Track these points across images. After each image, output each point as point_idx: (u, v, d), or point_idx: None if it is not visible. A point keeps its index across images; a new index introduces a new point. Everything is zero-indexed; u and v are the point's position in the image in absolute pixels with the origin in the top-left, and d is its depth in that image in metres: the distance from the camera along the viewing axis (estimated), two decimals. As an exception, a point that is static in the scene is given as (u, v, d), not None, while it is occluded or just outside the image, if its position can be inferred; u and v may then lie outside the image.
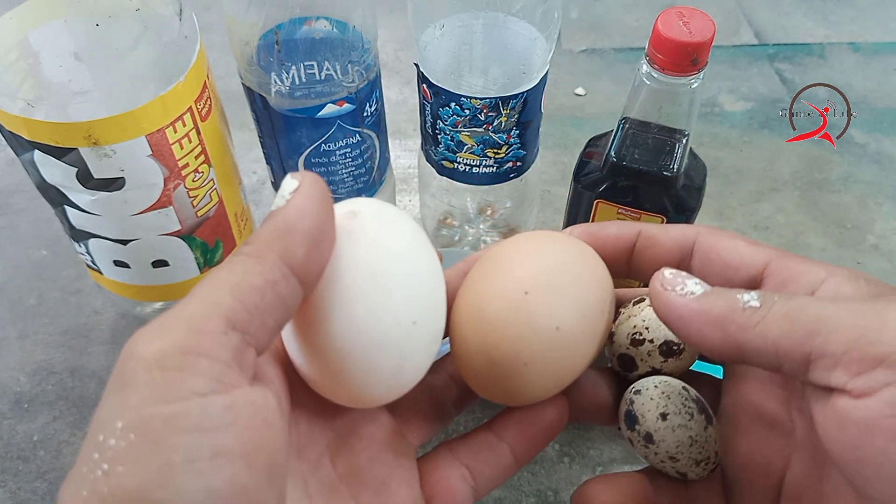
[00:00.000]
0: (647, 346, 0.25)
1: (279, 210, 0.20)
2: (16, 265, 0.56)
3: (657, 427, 0.24)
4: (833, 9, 0.81)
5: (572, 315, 0.23)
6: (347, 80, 0.41)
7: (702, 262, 0.24)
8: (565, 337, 0.23)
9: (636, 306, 0.26)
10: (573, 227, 0.26)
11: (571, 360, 0.24)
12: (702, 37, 0.35)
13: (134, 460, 0.15)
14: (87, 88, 0.35)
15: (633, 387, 0.25)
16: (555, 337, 0.23)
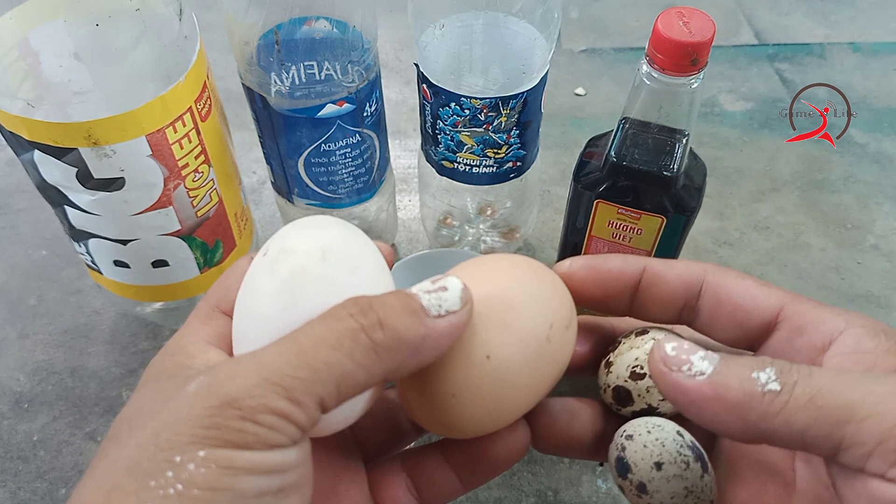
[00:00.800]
0: (647, 382, 0.24)
1: (427, 321, 0.20)
2: (16, 265, 0.56)
3: (651, 477, 0.22)
4: (833, 9, 0.81)
5: (508, 343, 0.21)
6: (347, 80, 0.41)
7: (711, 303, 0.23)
8: (498, 366, 0.21)
9: (639, 338, 0.25)
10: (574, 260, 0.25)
11: (509, 391, 0.22)
12: (702, 37, 0.35)
13: (210, 487, 0.16)
14: (87, 88, 0.35)
15: (623, 430, 0.24)
16: (485, 366, 0.21)
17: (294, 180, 0.47)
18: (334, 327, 0.19)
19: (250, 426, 0.17)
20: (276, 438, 0.18)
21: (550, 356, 0.22)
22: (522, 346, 0.22)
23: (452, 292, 0.20)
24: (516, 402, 0.22)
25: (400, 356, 0.19)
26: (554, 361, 0.23)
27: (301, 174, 0.46)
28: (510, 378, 0.22)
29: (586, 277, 0.24)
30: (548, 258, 0.57)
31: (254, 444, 0.17)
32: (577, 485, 0.45)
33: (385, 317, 0.19)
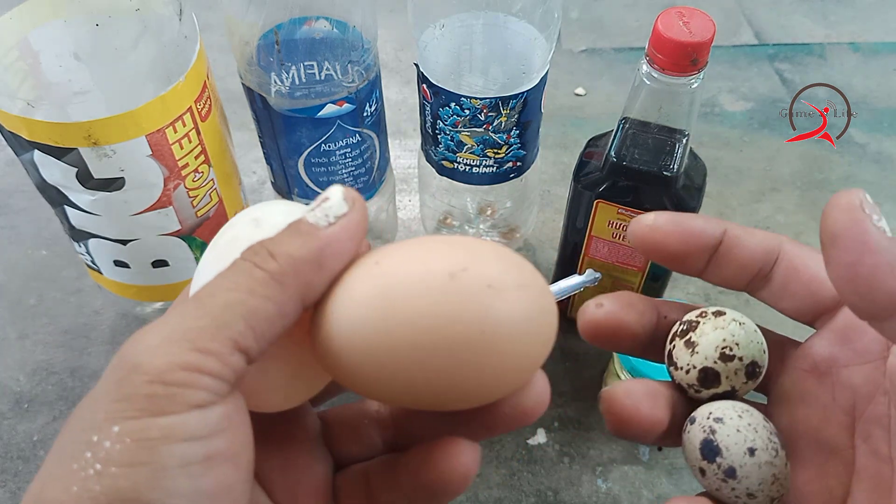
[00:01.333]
0: (736, 364, 0.23)
1: (319, 233, 0.19)
2: (16, 265, 0.56)
3: (743, 462, 0.22)
4: (833, 9, 0.81)
5: (399, 260, 0.20)
6: (347, 80, 0.41)
7: (787, 272, 0.23)
8: (386, 270, 0.19)
9: (719, 318, 0.24)
10: (658, 214, 0.24)
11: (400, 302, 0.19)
12: (702, 37, 0.35)
13: (128, 463, 0.16)
14: (87, 88, 0.35)
15: (708, 412, 0.23)
16: (373, 270, 0.19)
17: (294, 180, 0.47)
18: (229, 273, 0.18)
19: (160, 388, 0.16)
20: (192, 396, 0.17)
21: (455, 295, 0.19)
22: (415, 265, 0.19)
23: (334, 198, 0.19)
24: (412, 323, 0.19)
25: (303, 275, 0.18)
26: (459, 304, 0.19)
27: (301, 174, 0.46)
28: (401, 289, 0.19)
29: (671, 232, 0.24)
30: (548, 258, 0.57)
31: (168, 407, 0.16)
32: (577, 485, 0.45)
33: (275, 247, 0.18)
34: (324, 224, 0.19)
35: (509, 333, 0.19)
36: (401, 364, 0.19)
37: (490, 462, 0.46)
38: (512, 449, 0.47)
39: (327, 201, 0.19)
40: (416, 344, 0.18)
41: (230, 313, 0.17)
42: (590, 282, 0.46)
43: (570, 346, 0.52)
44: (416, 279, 0.19)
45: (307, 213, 0.19)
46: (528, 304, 0.19)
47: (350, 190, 0.20)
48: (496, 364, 0.19)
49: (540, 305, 0.20)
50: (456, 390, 0.19)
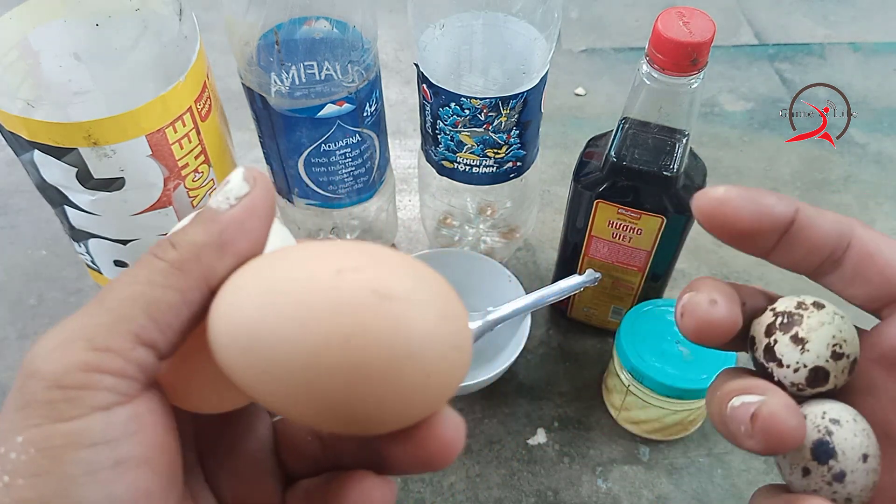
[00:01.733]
0: (844, 363, 0.22)
1: (219, 216, 0.18)
2: (16, 265, 0.56)
3: (856, 468, 0.21)
4: (833, 9, 0.81)
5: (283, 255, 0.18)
6: (347, 80, 0.41)
7: (860, 256, 0.22)
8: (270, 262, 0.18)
9: (822, 311, 0.22)
10: (730, 186, 0.22)
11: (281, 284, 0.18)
12: (702, 37, 0.35)
13: (34, 473, 0.15)
14: (87, 88, 0.35)
15: (822, 411, 0.21)
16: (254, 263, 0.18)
17: (294, 180, 0.47)
18: (130, 269, 0.18)
19: (58, 393, 0.16)
20: (93, 398, 0.16)
21: (341, 290, 0.17)
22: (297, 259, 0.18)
23: (234, 179, 0.18)
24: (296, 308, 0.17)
25: (205, 260, 0.17)
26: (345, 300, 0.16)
27: (301, 174, 0.46)
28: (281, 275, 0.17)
29: (742, 207, 0.22)
30: (548, 258, 0.57)
31: (68, 412, 0.15)
32: (577, 485, 0.45)
33: (176, 237, 0.18)
34: (225, 207, 0.18)
35: (395, 348, 0.16)
36: (273, 374, 0.17)
37: (490, 462, 0.46)
38: (512, 449, 0.47)
39: (228, 184, 0.18)
40: (289, 350, 0.16)
41: (129, 306, 0.17)
42: (590, 282, 0.46)
43: (570, 346, 0.52)
44: (302, 275, 0.17)
45: (210, 200, 0.19)
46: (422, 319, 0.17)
47: (252, 169, 0.19)
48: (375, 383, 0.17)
49: (439, 324, 0.17)
50: (335, 411, 0.17)
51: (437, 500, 0.45)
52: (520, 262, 0.57)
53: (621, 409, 0.47)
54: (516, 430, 0.48)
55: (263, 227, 0.18)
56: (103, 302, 0.17)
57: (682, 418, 0.44)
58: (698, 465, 0.46)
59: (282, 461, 0.22)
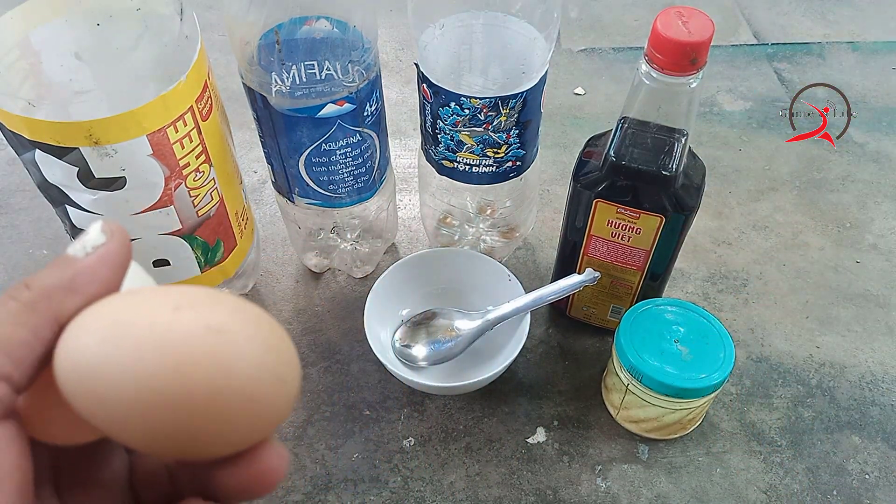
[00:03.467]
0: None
1: (73, 262, 0.20)
2: (16, 264, 0.57)
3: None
4: (832, 8, 0.81)
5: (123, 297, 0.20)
6: (348, 80, 0.42)
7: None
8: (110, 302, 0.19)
9: None
10: None
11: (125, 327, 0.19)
12: (701, 36, 0.35)
13: None
14: (88, 88, 0.35)
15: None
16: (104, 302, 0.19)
17: (295, 180, 0.47)
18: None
19: None
20: None
21: (176, 325, 0.18)
22: (138, 298, 0.20)
23: (93, 231, 0.20)
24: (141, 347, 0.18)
25: (56, 300, 0.19)
26: (179, 334, 0.18)
27: (302, 173, 0.46)
28: (123, 311, 0.19)
29: None
30: (547, 257, 0.57)
31: None
32: (576, 483, 0.45)
33: (31, 280, 0.19)
34: (81, 255, 0.20)
35: (215, 379, 0.18)
36: (112, 402, 0.18)
37: (490, 461, 0.46)
38: (511, 448, 0.47)
39: (86, 235, 0.20)
40: (126, 381, 0.18)
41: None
42: (589, 281, 0.46)
43: (570, 345, 0.52)
44: (136, 315, 0.19)
45: (70, 248, 0.20)
46: (249, 352, 0.18)
47: (111, 223, 0.21)
48: (204, 411, 0.18)
49: (263, 357, 0.19)
50: (169, 437, 0.18)
51: (436, 499, 0.45)
52: (519, 262, 0.57)
53: (620, 408, 0.47)
54: (516, 428, 0.48)
55: (116, 274, 0.20)
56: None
57: (680, 417, 0.45)
58: (697, 463, 0.46)
59: (136, 493, 0.23)
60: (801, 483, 0.45)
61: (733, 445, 0.47)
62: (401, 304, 0.51)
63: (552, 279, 0.51)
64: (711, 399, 0.44)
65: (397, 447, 0.47)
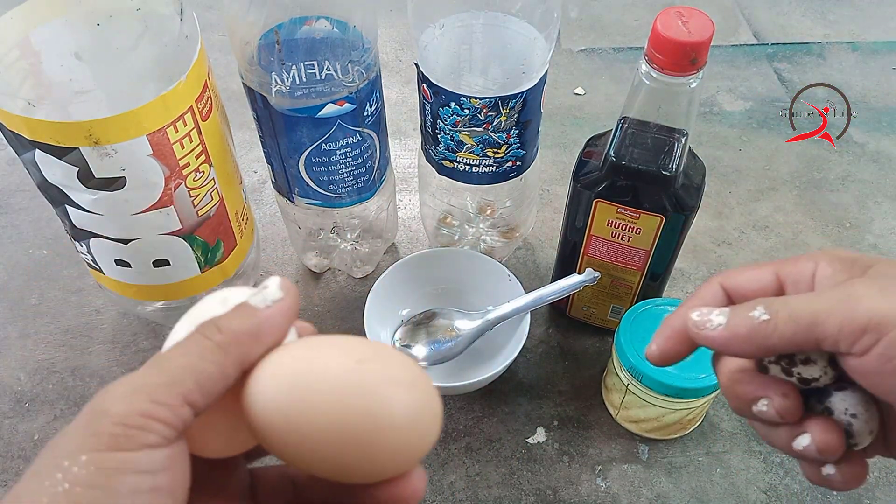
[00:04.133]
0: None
1: (258, 313, 0.23)
2: (17, 264, 0.57)
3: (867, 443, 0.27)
4: (832, 8, 0.81)
5: (309, 348, 0.24)
6: (348, 80, 0.42)
7: (740, 299, 0.28)
8: (298, 357, 0.23)
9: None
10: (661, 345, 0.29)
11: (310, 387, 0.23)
12: (700, 36, 0.35)
13: (90, 485, 0.20)
14: (88, 88, 0.35)
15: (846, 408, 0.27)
16: (285, 355, 0.23)
17: (295, 180, 0.47)
18: (184, 342, 0.23)
19: (121, 429, 0.20)
20: (145, 437, 0.20)
21: (362, 375, 0.22)
22: (322, 350, 0.24)
23: (272, 286, 0.24)
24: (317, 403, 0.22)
25: (243, 345, 0.23)
26: (360, 389, 0.22)
27: (302, 173, 0.46)
28: (311, 372, 0.23)
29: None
30: (547, 257, 0.57)
31: (126, 444, 0.20)
32: (576, 483, 0.45)
33: (221, 322, 0.23)
34: (262, 306, 0.23)
35: (399, 423, 0.22)
36: (302, 436, 0.22)
37: (490, 461, 0.46)
38: (511, 448, 0.47)
39: (266, 289, 0.24)
40: (318, 419, 0.22)
41: (182, 373, 0.22)
42: (589, 281, 0.46)
43: (570, 345, 0.52)
44: (325, 364, 0.23)
45: (250, 297, 0.24)
46: (417, 400, 0.23)
47: (286, 280, 0.24)
48: (383, 448, 0.22)
49: (427, 405, 0.23)
50: (348, 466, 0.23)
51: (436, 499, 0.45)
52: (519, 262, 0.57)
53: (620, 408, 0.47)
54: (516, 428, 0.48)
55: (288, 326, 0.24)
56: (161, 366, 0.22)
57: (680, 417, 0.45)
58: (697, 463, 0.46)
59: (258, 501, 0.28)
60: (801, 483, 0.45)
61: (733, 445, 0.47)
62: (401, 304, 0.51)
63: (552, 279, 0.51)
64: (711, 399, 0.44)
65: (397, 447, 0.47)
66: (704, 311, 0.27)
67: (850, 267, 0.26)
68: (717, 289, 0.29)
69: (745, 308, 0.26)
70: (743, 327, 0.26)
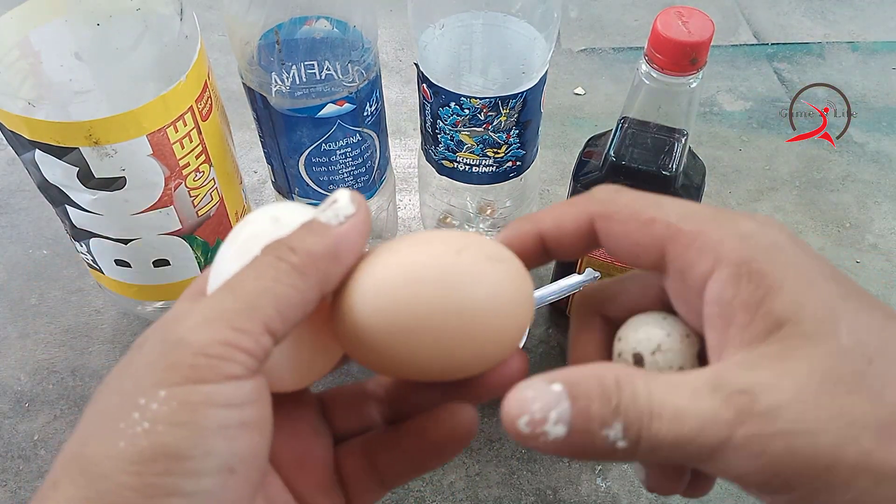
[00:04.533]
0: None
1: (332, 231, 0.21)
2: (17, 264, 0.57)
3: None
4: (832, 8, 0.81)
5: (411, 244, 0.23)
6: (347, 80, 0.42)
7: (613, 248, 0.23)
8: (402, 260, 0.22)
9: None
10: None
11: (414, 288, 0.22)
12: (700, 36, 0.35)
13: (174, 423, 0.18)
14: (88, 88, 0.35)
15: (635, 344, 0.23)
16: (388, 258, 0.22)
17: (295, 180, 0.47)
18: (255, 265, 0.20)
19: (202, 360, 0.18)
20: (229, 368, 0.19)
21: (462, 267, 0.21)
22: (424, 248, 0.22)
23: (342, 200, 0.22)
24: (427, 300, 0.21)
25: (322, 266, 0.21)
26: (469, 276, 0.21)
27: (302, 173, 0.46)
28: (416, 270, 0.21)
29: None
30: (547, 257, 0.57)
31: (209, 376, 0.18)
32: (576, 483, 0.45)
33: (293, 243, 0.21)
34: (335, 223, 0.21)
35: (504, 297, 0.22)
36: (414, 337, 0.21)
37: (490, 461, 0.46)
38: (511, 447, 0.47)
39: (336, 203, 0.21)
40: (430, 315, 0.21)
41: (261, 299, 0.19)
42: (589, 281, 0.46)
43: (570, 344, 0.52)
44: (428, 259, 0.22)
45: (318, 213, 0.21)
46: (518, 274, 0.23)
47: (356, 193, 0.22)
48: (492, 329, 0.22)
49: (525, 279, 0.23)
50: (457, 358, 0.22)
51: (436, 499, 0.45)
52: (519, 262, 0.57)
53: (621, 408, 0.47)
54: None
55: (364, 243, 0.22)
56: (235, 291, 0.20)
57: (681, 417, 0.45)
58: (697, 463, 0.46)
59: (331, 424, 0.26)
60: (801, 483, 0.45)
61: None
62: (401, 304, 0.51)
63: (552, 279, 0.51)
64: (711, 399, 0.44)
65: (397, 447, 0.47)
66: (536, 415, 0.19)
67: (757, 305, 0.19)
68: (531, 237, 0.24)
69: (594, 420, 0.18)
70: (589, 448, 0.19)
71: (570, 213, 0.23)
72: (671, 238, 0.21)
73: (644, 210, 0.22)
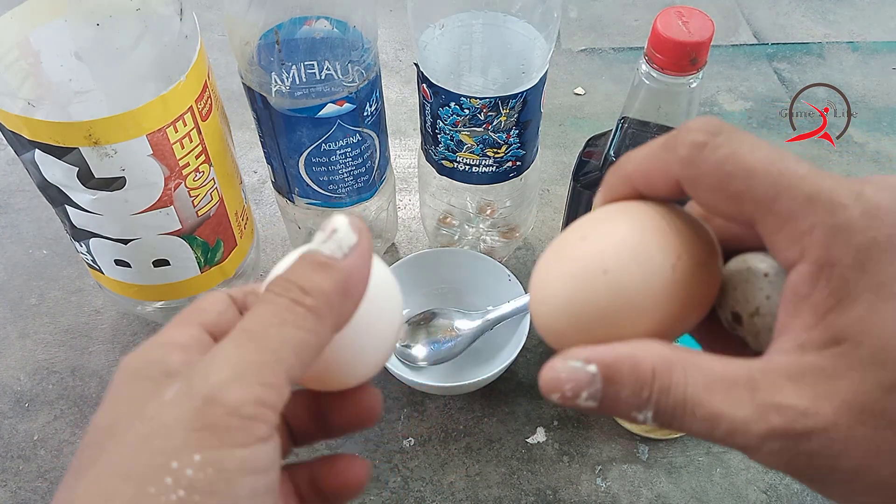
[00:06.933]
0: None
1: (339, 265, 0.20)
2: (16, 264, 0.57)
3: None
4: (832, 8, 0.81)
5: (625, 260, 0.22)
6: (347, 80, 0.42)
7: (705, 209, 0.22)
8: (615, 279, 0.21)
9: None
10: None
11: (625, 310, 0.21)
12: (701, 36, 0.35)
13: (210, 492, 0.17)
14: (88, 88, 0.35)
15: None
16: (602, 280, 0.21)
17: (294, 180, 0.47)
18: (273, 309, 0.19)
19: (236, 420, 0.17)
20: (258, 430, 0.18)
21: (675, 286, 0.20)
22: (639, 266, 0.21)
23: (343, 230, 0.21)
24: (638, 323, 0.21)
25: (335, 305, 0.20)
26: (681, 292, 0.21)
27: (301, 173, 0.46)
28: (627, 295, 0.21)
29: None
30: (547, 257, 0.57)
31: (243, 439, 0.18)
32: (576, 483, 0.45)
33: (303, 282, 0.20)
34: (339, 256, 0.20)
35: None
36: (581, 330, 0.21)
37: (490, 461, 0.46)
38: (511, 448, 0.47)
39: (337, 233, 0.21)
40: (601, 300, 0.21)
41: (284, 349, 0.19)
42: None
43: (570, 344, 0.52)
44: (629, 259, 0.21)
45: (320, 245, 0.20)
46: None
47: (354, 218, 0.21)
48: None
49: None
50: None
51: (436, 499, 0.45)
52: (519, 262, 0.57)
53: (621, 408, 0.47)
54: (516, 428, 0.48)
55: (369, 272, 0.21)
56: (258, 340, 0.19)
57: (681, 417, 0.45)
58: (697, 463, 0.46)
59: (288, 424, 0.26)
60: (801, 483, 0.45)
61: (733, 445, 0.47)
62: (401, 304, 0.51)
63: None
64: (711, 399, 0.44)
65: (397, 447, 0.47)
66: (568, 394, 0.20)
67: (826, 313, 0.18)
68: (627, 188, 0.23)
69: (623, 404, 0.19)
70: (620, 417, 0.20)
71: (659, 171, 0.22)
72: (760, 218, 0.20)
73: (731, 181, 0.20)
